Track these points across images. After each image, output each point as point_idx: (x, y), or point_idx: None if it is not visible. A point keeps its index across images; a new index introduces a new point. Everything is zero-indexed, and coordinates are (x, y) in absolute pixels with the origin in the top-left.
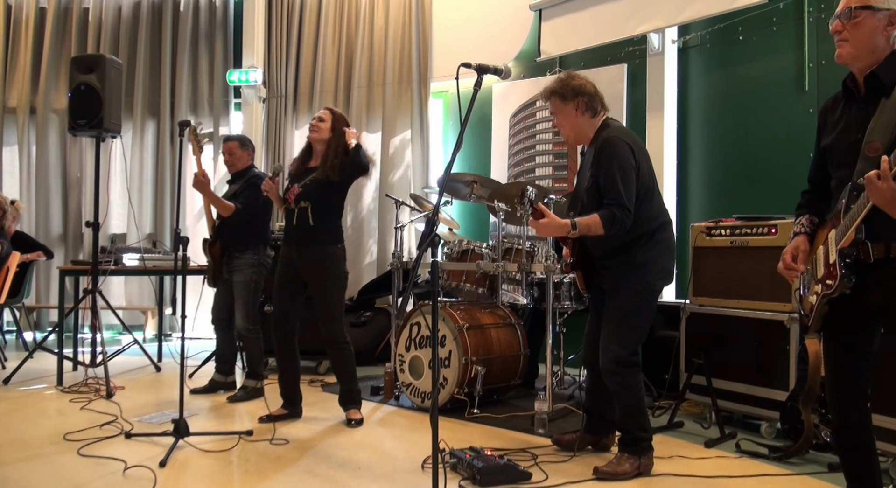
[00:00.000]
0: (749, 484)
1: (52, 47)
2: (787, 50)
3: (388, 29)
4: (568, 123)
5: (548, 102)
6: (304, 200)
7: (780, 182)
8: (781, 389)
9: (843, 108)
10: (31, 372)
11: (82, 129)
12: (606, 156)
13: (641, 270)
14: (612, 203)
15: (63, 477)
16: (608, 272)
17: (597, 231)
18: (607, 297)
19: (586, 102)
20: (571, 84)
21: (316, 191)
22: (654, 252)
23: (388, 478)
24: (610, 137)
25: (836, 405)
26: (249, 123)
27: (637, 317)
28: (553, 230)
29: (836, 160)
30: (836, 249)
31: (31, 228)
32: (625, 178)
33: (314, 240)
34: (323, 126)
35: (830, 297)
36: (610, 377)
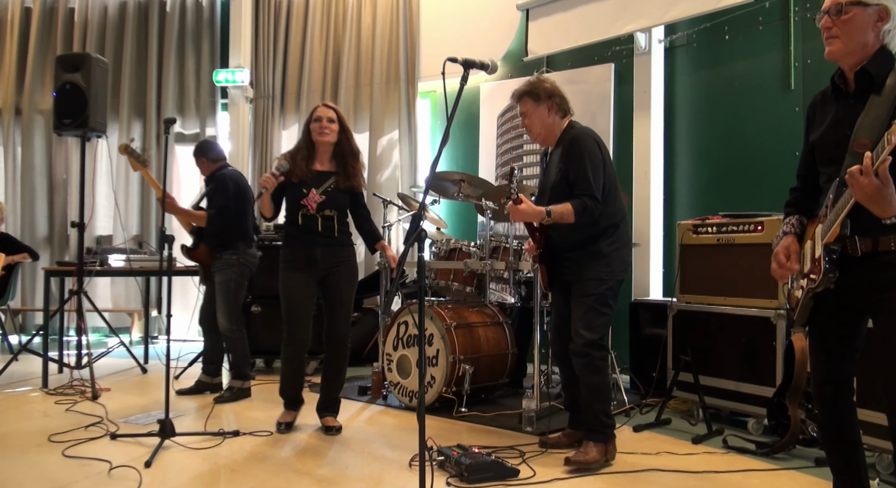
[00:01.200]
0: (736, 479)
1: (37, 47)
2: (773, 49)
3: (376, 29)
4: (540, 123)
5: (518, 103)
6: (329, 209)
7: (766, 180)
8: (768, 385)
9: (831, 104)
10: (15, 374)
11: (67, 129)
12: (577, 151)
13: (607, 260)
14: (583, 193)
15: (48, 478)
16: (572, 264)
17: (568, 219)
18: (573, 287)
19: (558, 104)
20: (543, 86)
21: (341, 200)
22: (618, 244)
23: (376, 477)
24: (578, 134)
25: (821, 400)
26: (236, 124)
27: (603, 305)
28: (529, 215)
29: (825, 156)
30: (821, 244)
31: (17, 230)
32: (595, 171)
33: (340, 243)
34: (334, 128)
35: (815, 292)
36: (579, 358)
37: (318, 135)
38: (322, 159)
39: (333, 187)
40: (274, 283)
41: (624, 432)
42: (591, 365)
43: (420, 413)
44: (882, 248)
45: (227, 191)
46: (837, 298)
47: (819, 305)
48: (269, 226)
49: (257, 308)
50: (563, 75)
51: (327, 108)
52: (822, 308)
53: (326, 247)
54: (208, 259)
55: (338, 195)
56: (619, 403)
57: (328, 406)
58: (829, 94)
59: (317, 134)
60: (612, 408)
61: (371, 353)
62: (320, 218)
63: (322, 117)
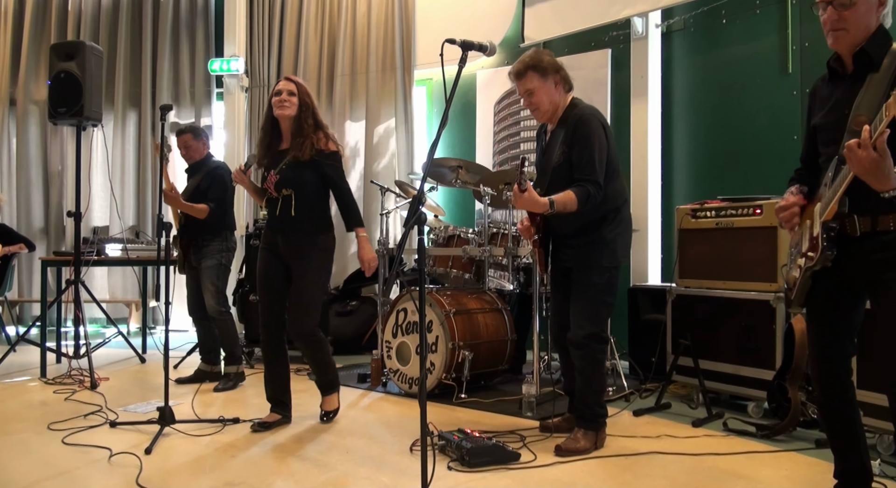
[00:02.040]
0: (737, 461)
1: (31, 38)
2: (770, 33)
3: (371, 16)
4: (549, 99)
5: (523, 79)
6: (285, 188)
7: (764, 164)
8: (768, 368)
9: (829, 87)
10: (14, 364)
11: (63, 118)
12: (583, 133)
13: (610, 247)
14: (586, 179)
15: (48, 465)
16: (573, 251)
17: (571, 208)
18: (575, 275)
19: (564, 77)
20: (546, 60)
21: (295, 176)
22: (620, 229)
23: (377, 461)
24: (584, 114)
25: (820, 380)
26: (232, 113)
27: (607, 294)
28: (532, 205)
29: (825, 138)
30: (819, 222)
31: (13, 221)
32: (600, 155)
33: (299, 229)
34: (293, 101)
35: (813, 270)
36: (579, 350)
37: (277, 110)
38: (286, 137)
39: (288, 162)
40: None
41: (624, 416)
42: (590, 357)
43: (421, 398)
44: (881, 228)
45: (226, 185)
46: (835, 278)
47: (817, 285)
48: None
49: (255, 297)
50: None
51: (288, 81)
52: (820, 287)
53: (286, 233)
54: (188, 247)
55: (294, 171)
56: (618, 388)
57: (321, 387)
58: (826, 78)
59: (276, 108)
60: (612, 393)
61: (370, 341)
62: (280, 199)
63: (282, 90)
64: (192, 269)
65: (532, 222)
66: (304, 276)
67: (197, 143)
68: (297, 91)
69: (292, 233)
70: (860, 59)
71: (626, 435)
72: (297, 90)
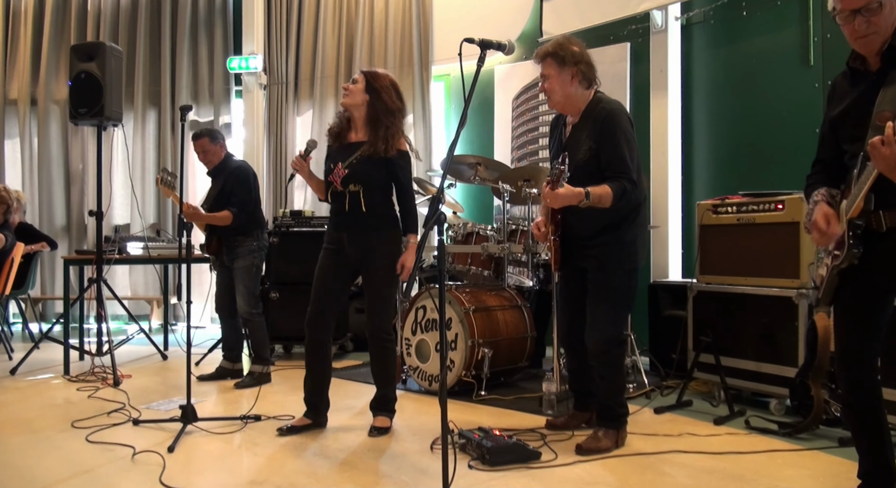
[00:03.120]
0: (759, 460)
1: (51, 38)
2: (791, 24)
3: (389, 12)
4: (561, 90)
5: (541, 64)
6: (353, 183)
7: (786, 157)
8: (790, 365)
9: (851, 84)
10: (37, 362)
11: (83, 118)
12: (612, 130)
13: (630, 249)
14: (621, 176)
15: (72, 463)
16: (592, 251)
17: (606, 202)
18: (593, 276)
19: (584, 72)
20: (571, 49)
21: (366, 171)
22: (638, 230)
23: (399, 460)
24: (613, 110)
25: (845, 379)
26: (251, 110)
27: (627, 296)
28: (568, 199)
29: (848, 134)
30: (845, 219)
31: (35, 220)
32: (631, 152)
33: (370, 226)
34: (355, 88)
35: (840, 268)
36: (600, 356)
37: (342, 99)
38: (357, 128)
39: (359, 157)
40: (290, 269)
41: (645, 414)
42: (611, 362)
43: (442, 397)
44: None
45: (249, 186)
46: (862, 275)
47: (844, 282)
48: (286, 212)
49: (275, 294)
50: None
51: (362, 72)
52: (847, 285)
53: (353, 230)
54: (219, 249)
55: (364, 166)
56: (638, 385)
57: (376, 403)
58: (848, 74)
59: (342, 98)
60: (633, 390)
61: None
62: (347, 194)
63: (352, 80)
64: (223, 268)
65: (552, 220)
66: (377, 275)
67: (214, 147)
68: (361, 79)
69: (361, 232)
70: (889, 55)
71: (648, 434)
72: (364, 78)
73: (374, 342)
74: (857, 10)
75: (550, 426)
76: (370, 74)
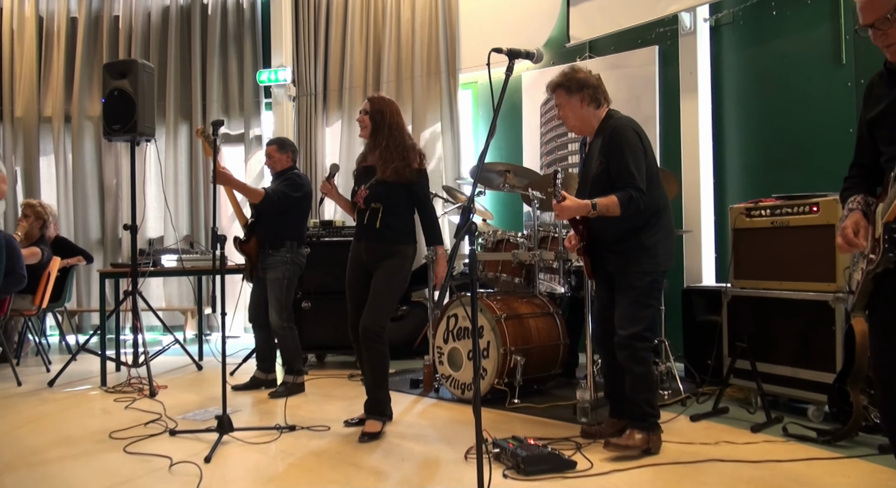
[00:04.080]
0: (798, 468)
1: (84, 56)
2: (822, 22)
3: (415, 21)
4: (573, 115)
5: (553, 95)
6: (374, 202)
7: (819, 158)
8: (828, 371)
9: (889, 84)
10: (75, 373)
11: (117, 134)
12: (616, 142)
13: (650, 253)
14: (627, 185)
15: (110, 474)
16: (616, 256)
17: (614, 211)
18: (617, 279)
19: (591, 94)
20: (576, 77)
21: (383, 192)
22: (660, 235)
23: (432, 469)
24: (618, 125)
25: (883, 385)
26: (280, 122)
27: (648, 296)
28: (575, 210)
29: (887, 135)
30: (881, 223)
31: (70, 234)
32: (636, 162)
33: (382, 238)
34: (366, 120)
35: (875, 273)
36: (623, 349)
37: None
38: (373, 153)
39: (378, 180)
40: (322, 279)
41: (681, 422)
42: (634, 356)
43: (476, 406)
44: None
45: (295, 186)
46: None
47: (879, 287)
48: (316, 222)
49: (307, 304)
50: (606, 60)
51: (368, 100)
52: (883, 290)
53: (369, 241)
54: (257, 254)
55: (382, 188)
56: (673, 392)
57: (367, 406)
58: (884, 76)
59: None
60: (668, 397)
61: (421, 346)
62: (368, 211)
63: (361, 111)
64: (258, 279)
65: (576, 231)
66: (379, 278)
67: (281, 155)
68: (369, 109)
69: (375, 241)
70: None
71: (685, 442)
72: (370, 108)
73: (364, 339)
74: (870, 24)
75: (585, 434)
76: (373, 101)
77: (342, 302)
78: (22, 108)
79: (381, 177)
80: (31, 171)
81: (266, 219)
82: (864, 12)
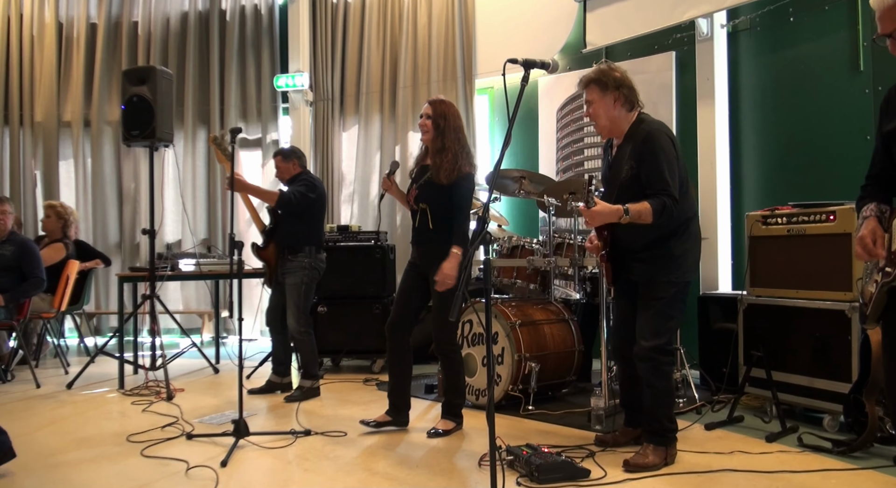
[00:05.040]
0: (813, 480)
1: (103, 61)
2: (840, 29)
3: (432, 27)
4: (605, 114)
5: (585, 90)
6: (422, 202)
7: (837, 166)
8: (844, 381)
9: None
10: (93, 376)
11: (136, 140)
12: (650, 149)
13: (678, 262)
14: (660, 192)
15: (128, 478)
16: (642, 265)
17: (646, 219)
18: (641, 289)
19: (626, 95)
20: (613, 75)
21: (430, 193)
22: (689, 244)
23: (446, 475)
24: (652, 130)
25: (893, 395)
26: (298, 127)
27: (672, 308)
28: (606, 216)
29: None
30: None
31: (89, 238)
32: (671, 170)
33: (434, 240)
34: (428, 124)
35: (890, 286)
36: (644, 362)
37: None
38: (430, 153)
39: (427, 179)
40: (338, 283)
41: (695, 430)
42: (656, 369)
43: (490, 415)
44: None
45: (310, 188)
46: None
47: (893, 301)
48: (333, 227)
49: (324, 308)
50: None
51: (430, 104)
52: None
53: (421, 244)
54: (276, 260)
55: (430, 188)
56: (688, 400)
57: (443, 407)
58: None
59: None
60: (683, 405)
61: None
62: (418, 212)
63: (423, 115)
64: (277, 284)
65: (599, 237)
66: (436, 291)
67: (286, 165)
68: (431, 113)
69: (428, 245)
70: None
71: (699, 451)
72: (432, 112)
73: (438, 352)
74: (888, 34)
75: (599, 442)
76: (435, 106)
77: (358, 306)
78: (42, 113)
79: (432, 179)
80: (50, 176)
81: (284, 224)
82: (883, 21)
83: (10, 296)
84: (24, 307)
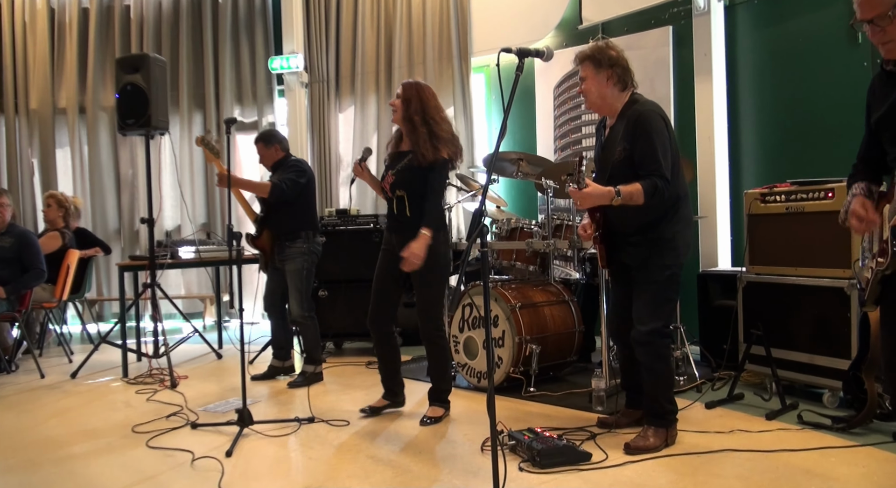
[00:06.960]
0: (812, 458)
1: (96, 46)
2: (837, 1)
3: (426, 6)
4: (597, 90)
5: (580, 66)
6: (398, 189)
7: (835, 142)
8: (843, 357)
9: (889, 86)
10: (97, 364)
11: (131, 129)
12: (643, 129)
13: (671, 245)
14: (653, 173)
15: (134, 470)
16: (635, 248)
17: (637, 200)
18: (636, 272)
19: (619, 74)
20: (608, 53)
21: (408, 179)
22: (679, 226)
23: (449, 461)
24: (645, 111)
25: (892, 382)
26: (293, 109)
27: (668, 290)
28: (597, 198)
29: (891, 137)
30: (888, 226)
31: (88, 225)
32: (664, 150)
33: (413, 227)
34: (396, 104)
35: (884, 274)
36: (643, 346)
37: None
38: (405, 139)
39: (405, 165)
40: (338, 267)
41: (696, 410)
42: (655, 352)
43: (490, 403)
44: None
45: (299, 173)
46: None
47: (888, 288)
48: (332, 211)
49: (324, 292)
50: (619, 41)
51: (402, 85)
52: (892, 290)
53: (400, 232)
54: (271, 247)
55: (407, 173)
56: (689, 377)
57: (431, 394)
58: (883, 78)
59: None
60: (683, 383)
61: None
62: (394, 199)
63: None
64: (275, 270)
65: (592, 218)
66: (420, 278)
67: (269, 151)
68: (401, 93)
69: (407, 233)
70: None
71: (699, 431)
72: (402, 92)
73: (425, 340)
74: (868, 20)
75: (602, 424)
76: (405, 86)
77: (359, 289)
78: (37, 101)
79: (410, 163)
80: (47, 164)
81: (277, 212)
82: (863, 7)
83: (12, 288)
84: (26, 298)
